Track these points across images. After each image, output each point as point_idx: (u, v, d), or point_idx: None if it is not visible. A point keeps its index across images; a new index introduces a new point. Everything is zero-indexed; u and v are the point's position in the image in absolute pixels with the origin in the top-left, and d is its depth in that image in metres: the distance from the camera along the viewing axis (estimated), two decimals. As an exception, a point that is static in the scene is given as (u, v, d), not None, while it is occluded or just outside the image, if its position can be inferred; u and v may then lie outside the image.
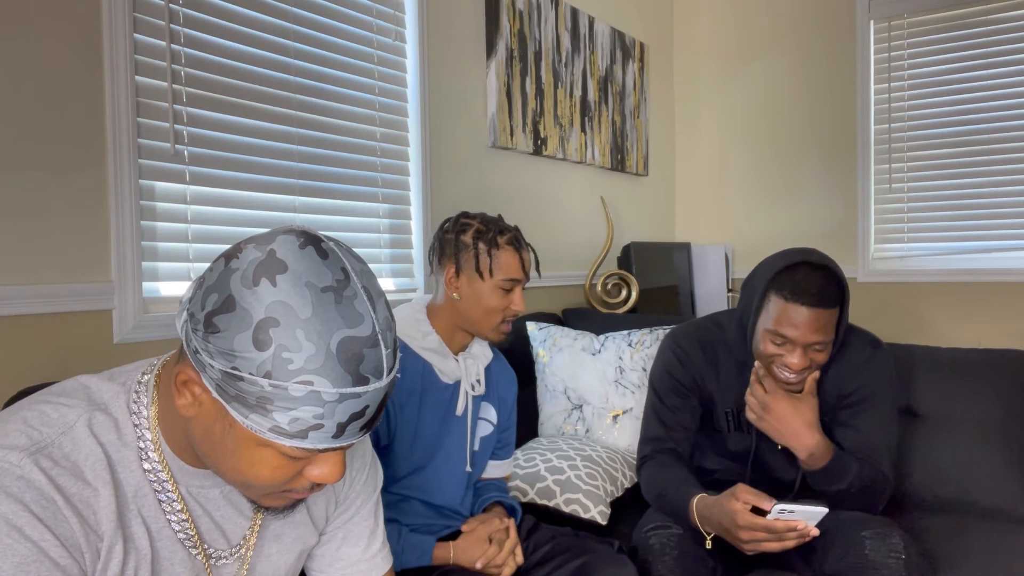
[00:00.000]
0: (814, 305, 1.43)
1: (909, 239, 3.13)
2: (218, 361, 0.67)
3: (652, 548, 1.50)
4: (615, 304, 2.81)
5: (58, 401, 0.74)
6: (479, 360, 1.57)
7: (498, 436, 1.65)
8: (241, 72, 1.76)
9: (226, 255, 0.71)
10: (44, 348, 1.42)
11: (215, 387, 0.69)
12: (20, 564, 0.64)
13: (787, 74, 3.35)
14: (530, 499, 1.79)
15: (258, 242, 0.71)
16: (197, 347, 0.69)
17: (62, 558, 0.67)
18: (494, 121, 2.47)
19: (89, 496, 0.71)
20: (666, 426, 1.67)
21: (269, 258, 0.68)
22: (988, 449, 1.89)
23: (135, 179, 1.54)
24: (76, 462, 0.71)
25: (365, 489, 0.96)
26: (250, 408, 0.68)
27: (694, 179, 3.63)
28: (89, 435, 0.73)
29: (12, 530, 0.65)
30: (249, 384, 0.67)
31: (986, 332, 2.93)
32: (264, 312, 0.66)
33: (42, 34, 1.41)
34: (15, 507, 0.65)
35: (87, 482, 0.71)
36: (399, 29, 2.19)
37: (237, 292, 0.67)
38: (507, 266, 1.48)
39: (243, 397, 0.67)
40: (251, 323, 0.66)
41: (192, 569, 0.80)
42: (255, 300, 0.66)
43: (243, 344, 0.66)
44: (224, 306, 0.67)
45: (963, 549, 1.65)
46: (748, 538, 1.34)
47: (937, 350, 2.08)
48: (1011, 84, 2.91)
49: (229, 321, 0.66)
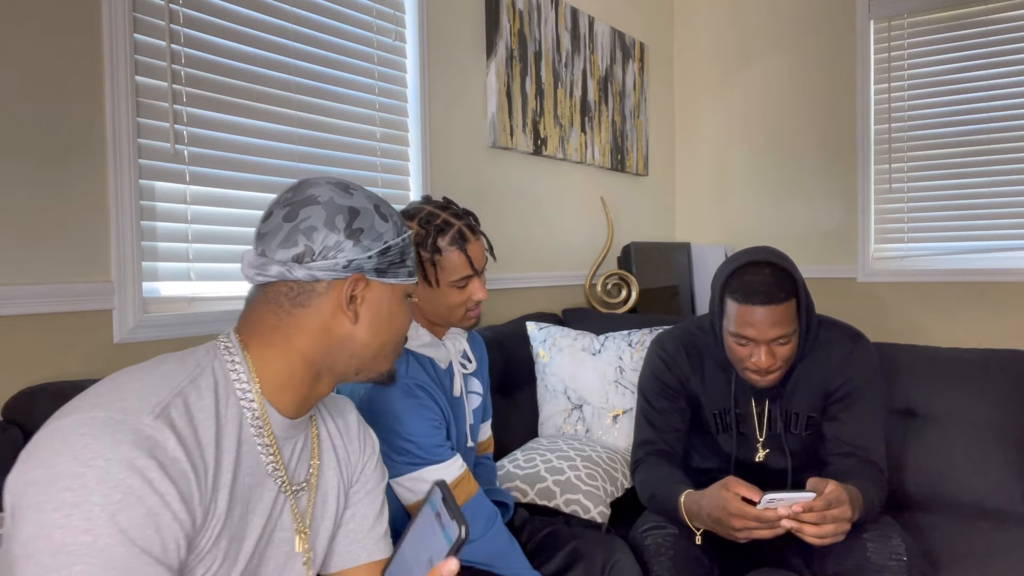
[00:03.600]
0: (765, 303, 1.47)
1: (909, 239, 3.13)
2: (374, 247, 0.90)
3: (648, 549, 1.50)
4: (615, 304, 2.81)
5: (162, 368, 0.83)
6: (459, 338, 1.56)
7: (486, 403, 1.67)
8: (241, 72, 1.76)
9: (303, 204, 0.89)
10: (44, 348, 1.41)
11: (375, 272, 0.91)
12: (148, 515, 0.72)
13: (787, 74, 3.35)
14: (530, 499, 1.79)
15: (308, 187, 0.92)
16: (349, 258, 0.88)
17: (181, 512, 0.75)
18: (494, 121, 2.47)
19: (205, 448, 0.80)
20: (656, 429, 1.69)
21: (332, 182, 0.93)
22: (988, 449, 1.89)
23: (135, 179, 1.54)
24: (193, 417, 0.80)
25: (375, 474, 1.06)
26: (398, 267, 0.93)
27: (694, 179, 3.63)
28: (202, 391, 0.83)
29: (145, 483, 0.72)
30: (393, 248, 0.92)
31: (986, 332, 2.93)
32: (369, 202, 0.92)
33: (42, 34, 1.41)
34: (148, 462, 0.73)
35: (202, 439, 0.80)
36: (399, 29, 2.19)
37: (349, 203, 0.90)
38: (453, 267, 1.40)
39: (393, 261, 0.93)
40: (372, 212, 0.91)
41: (276, 498, 0.90)
42: (361, 199, 0.92)
43: (380, 225, 0.91)
44: (352, 215, 0.89)
45: (963, 549, 1.65)
46: (740, 525, 1.34)
47: (937, 350, 2.08)
48: (1011, 84, 2.91)
49: (364, 219, 0.90)
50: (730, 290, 1.52)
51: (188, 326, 1.63)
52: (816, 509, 1.30)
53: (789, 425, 1.64)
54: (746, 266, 1.52)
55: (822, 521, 1.30)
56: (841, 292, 3.22)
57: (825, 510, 1.30)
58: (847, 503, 1.33)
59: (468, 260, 1.41)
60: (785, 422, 1.64)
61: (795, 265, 1.55)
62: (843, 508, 1.32)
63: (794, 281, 1.51)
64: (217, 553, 0.81)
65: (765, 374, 1.53)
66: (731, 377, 1.64)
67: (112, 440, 0.72)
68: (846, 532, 1.34)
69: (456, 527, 0.80)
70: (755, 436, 1.65)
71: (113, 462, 0.71)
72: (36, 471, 0.72)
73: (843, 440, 1.59)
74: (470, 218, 1.45)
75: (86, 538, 0.69)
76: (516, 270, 2.60)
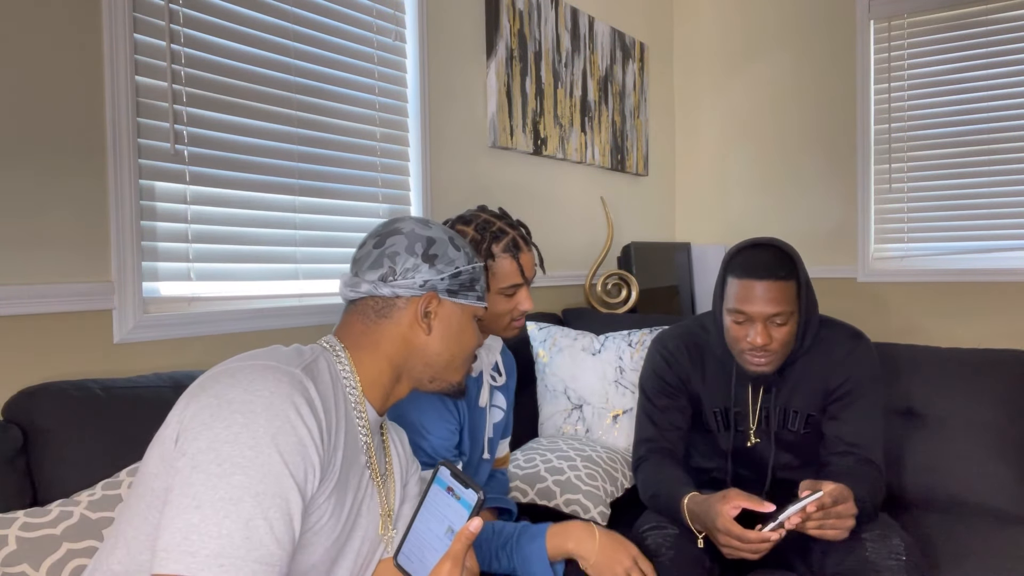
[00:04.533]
0: (764, 277, 1.50)
1: (909, 239, 3.13)
2: (446, 271, 1.06)
3: (648, 549, 1.51)
4: (615, 304, 2.81)
5: (287, 349, 0.97)
6: (493, 350, 1.58)
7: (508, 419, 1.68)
8: (241, 72, 1.76)
9: (389, 234, 1.07)
10: (44, 348, 1.42)
11: (447, 293, 1.06)
12: (299, 443, 0.85)
13: (787, 74, 3.35)
14: (530, 499, 1.79)
15: (395, 223, 1.09)
16: (424, 279, 1.04)
17: (320, 448, 0.89)
18: (494, 121, 2.47)
19: (328, 410, 0.93)
20: (658, 426, 1.69)
21: (414, 218, 1.10)
22: (988, 449, 1.89)
23: (135, 179, 1.54)
24: (326, 383, 0.96)
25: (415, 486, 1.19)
26: (467, 290, 1.09)
27: (694, 179, 3.63)
28: (321, 371, 0.97)
29: (299, 416, 0.86)
30: (464, 273, 1.08)
31: (986, 332, 2.93)
32: (445, 235, 1.09)
33: (42, 34, 1.41)
34: (301, 400, 0.88)
35: (327, 403, 0.94)
36: (399, 29, 2.19)
37: (428, 233, 1.07)
38: (505, 274, 1.43)
39: (464, 284, 1.08)
40: (446, 243, 1.08)
41: (363, 480, 1.03)
42: (438, 232, 1.09)
43: (452, 253, 1.08)
44: (429, 243, 1.06)
45: (963, 549, 1.65)
46: (724, 542, 1.37)
47: (937, 350, 2.08)
48: (1011, 84, 2.91)
49: (439, 247, 1.07)
50: (731, 268, 1.56)
51: (188, 326, 1.64)
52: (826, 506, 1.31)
53: (787, 422, 1.64)
54: (750, 247, 1.57)
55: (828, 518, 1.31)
56: (841, 292, 3.22)
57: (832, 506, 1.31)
58: (851, 499, 1.34)
59: (520, 268, 1.44)
60: (783, 419, 1.64)
61: (798, 254, 1.57)
62: (848, 504, 1.33)
63: (795, 265, 1.53)
64: (327, 507, 0.93)
65: (761, 354, 1.54)
66: (731, 373, 1.64)
67: (275, 378, 0.88)
68: (850, 528, 1.35)
69: (473, 492, 0.90)
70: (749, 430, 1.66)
71: (277, 395, 0.86)
72: (207, 399, 0.86)
73: (842, 439, 1.60)
74: (523, 229, 1.49)
75: (250, 452, 0.82)
76: (516, 270, 2.60)
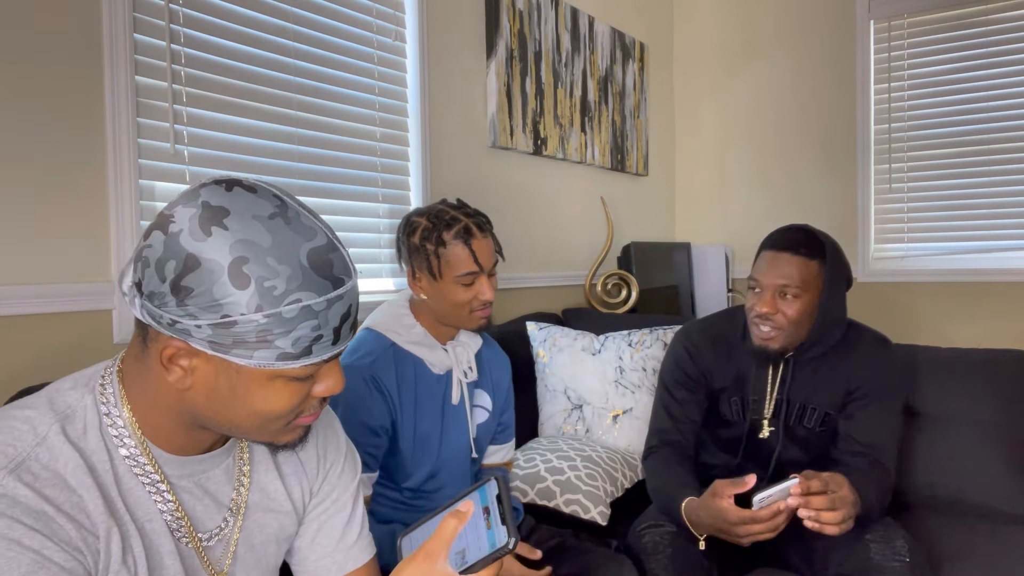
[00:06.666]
0: (783, 249, 1.54)
1: (909, 239, 3.13)
2: (205, 317, 0.69)
3: (645, 547, 1.51)
4: (615, 304, 2.81)
5: (24, 415, 0.74)
6: (468, 347, 1.56)
7: (497, 420, 1.66)
8: (241, 72, 1.76)
9: (157, 226, 0.71)
10: (44, 348, 1.41)
11: (208, 345, 0.70)
12: (27, 573, 0.66)
13: (787, 74, 3.35)
14: (530, 499, 1.79)
15: (184, 202, 0.71)
16: (173, 318, 0.70)
17: (67, 561, 0.68)
18: (494, 121, 2.47)
19: (77, 501, 0.71)
20: (674, 418, 1.70)
21: (205, 209, 0.70)
22: (988, 449, 1.89)
23: (135, 179, 1.54)
24: (57, 471, 0.71)
25: (341, 480, 0.98)
26: (253, 347, 0.70)
27: (694, 179, 3.63)
28: (64, 441, 0.73)
29: (11, 544, 0.66)
30: (244, 324, 0.69)
31: (986, 332, 2.93)
32: (230, 254, 0.68)
33: (42, 34, 1.41)
34: (7, 522, 0.66)
35: (72, 488, 0.72)
36: (399, 29, 2.19)
37: (193, 249, 0.68)
38: (457, 262, 1.41)
39: (242, 340, 0.70)
40: (222, 269, 0.68)
41: (182, 552, 0.81)
42: (216, 248, 0.68)
43: (223, 291, 0.68)
44: (187, 267, 0.68)
45: (963, 549, 1.65)
46: (744, 532, 1.35)
47: (937, 350, 2.08)
48: (1011, 84, 2.91)
49: (199, 277, 0.68)
50: (763, 244, 1.61)
51: (188, 326, 1.63)
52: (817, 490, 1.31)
53: (804, 418, 1.65)
54: (787, 228, 1.60)
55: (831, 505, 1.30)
56: (841, 292, 3.21)
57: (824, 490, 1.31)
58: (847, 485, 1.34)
59: (472, 255, 1.41)
60: (801, 414, 1.65)
61: (837, 245, 1.58)
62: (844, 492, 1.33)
63: (823, 249, 1.54)
64: None
65: (767, 324, 1.54)
66: (751, 363, 1.65)
67: None
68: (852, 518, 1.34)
69: (505, 535, 0.72)
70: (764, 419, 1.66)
71: None
72: None
73: (855, 438, 1.60)
74: (481, 218, 1.46)
75: None
76: (516, 270, 2.60)
